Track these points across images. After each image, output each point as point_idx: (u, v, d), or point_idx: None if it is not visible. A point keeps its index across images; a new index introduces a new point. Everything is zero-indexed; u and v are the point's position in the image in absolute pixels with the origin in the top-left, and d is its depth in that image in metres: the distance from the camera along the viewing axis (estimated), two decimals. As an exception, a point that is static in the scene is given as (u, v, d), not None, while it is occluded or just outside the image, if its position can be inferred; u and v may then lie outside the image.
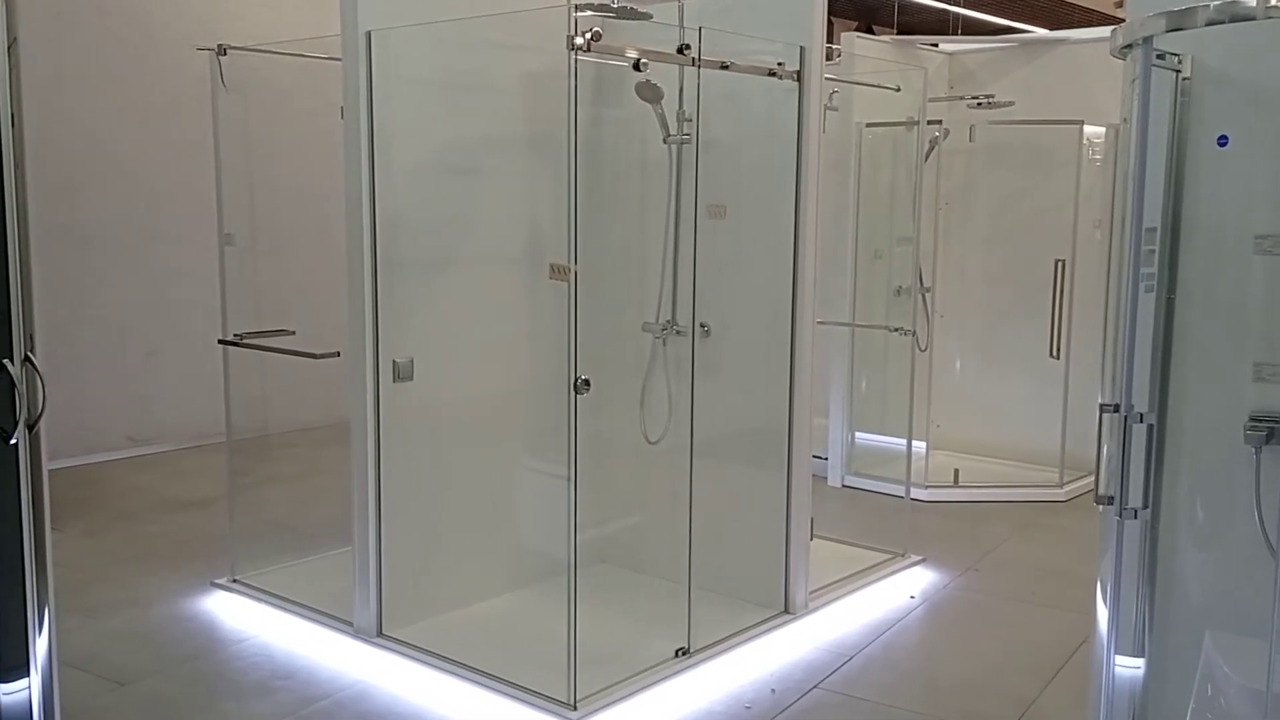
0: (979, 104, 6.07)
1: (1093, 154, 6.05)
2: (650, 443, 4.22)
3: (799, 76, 3.83)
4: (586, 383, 3.18)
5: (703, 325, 4.02)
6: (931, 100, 5.98)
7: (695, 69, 3.58)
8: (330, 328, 4.34)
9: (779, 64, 3.78)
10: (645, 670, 3.47)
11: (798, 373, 3.98)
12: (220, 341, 4.09)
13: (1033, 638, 4.02)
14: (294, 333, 4.27)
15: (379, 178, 3.62)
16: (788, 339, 3.99)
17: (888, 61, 6.17)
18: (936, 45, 6.82)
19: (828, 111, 5.38)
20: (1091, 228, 6.01)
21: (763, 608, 4.02)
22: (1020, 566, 4.79)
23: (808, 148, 3.87)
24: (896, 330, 5.31)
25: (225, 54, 4.02)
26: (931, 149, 5.70)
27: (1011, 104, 6.00)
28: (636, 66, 3.37)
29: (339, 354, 3.77)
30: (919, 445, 5.63)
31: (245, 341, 4.03)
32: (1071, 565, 4.83)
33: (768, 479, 4.08)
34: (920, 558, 4.71)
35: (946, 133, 5.94)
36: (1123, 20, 2.68)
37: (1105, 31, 6.38)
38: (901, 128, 6.02)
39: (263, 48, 4.08)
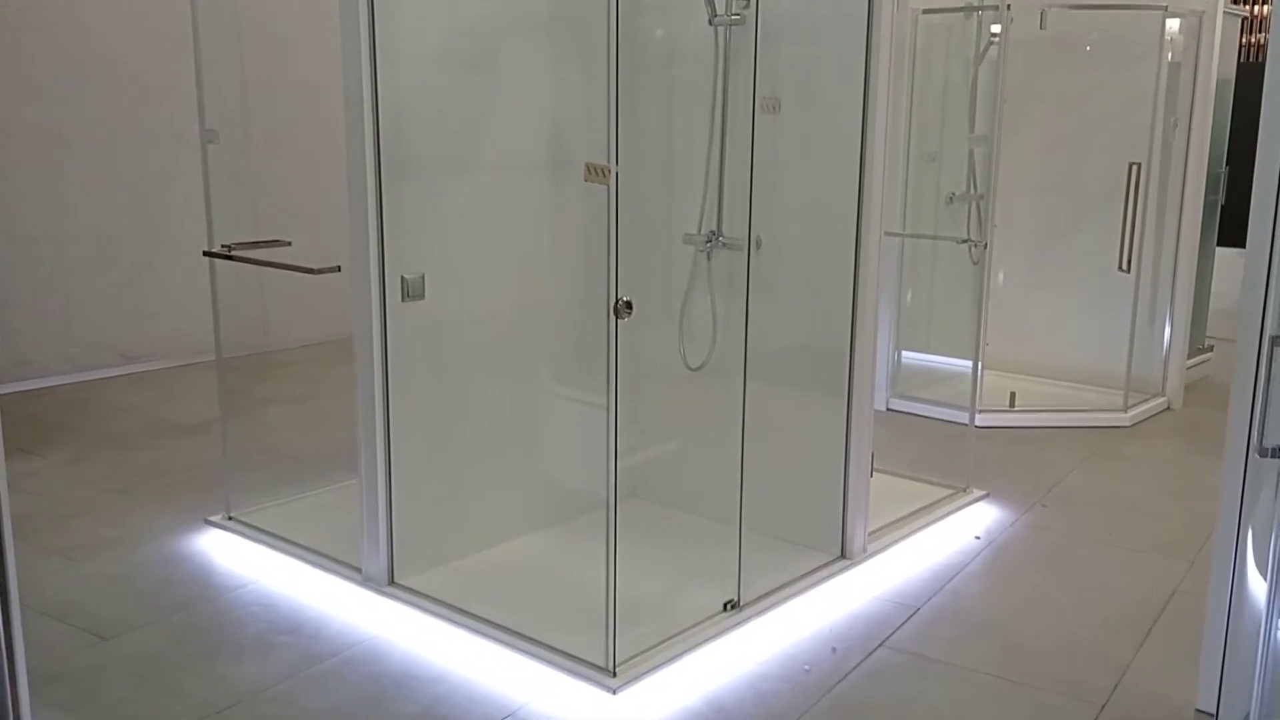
0: (1047, -12, 5.46)
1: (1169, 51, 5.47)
2: (690, 369, 3.78)
3: (870, -56, 3.28)
4: (628, 305, 2.72)
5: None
6: (993, -16, 5.38)
7: (754, -69, 3.03)
8: (333, 237, 3.89)
9: (848, -72, 3.23)
10: (691, 628, 3.07)
11: (861, 290, 3.51)
12: (206, 254, 3.63)
13: (1116, 586, 3.61)
14: (290, 243, 3.81)
15: (382, 67, 3.10)
16: (850, 252, 3.51)
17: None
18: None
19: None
20: (1170, 128, 5.46)
21: (817, 552, 3.62)
22: (1090, 501, 4.38)
23: (879, 29, 3.33)
24: (965, 243, 4.81)
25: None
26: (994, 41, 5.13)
27: (1084, -13, 5.40)
28: (687, -74, 2.83)
29: (339, 269, 3.31)
30: (971, 365, 5.18)
31: (234, 254, 3.56)
32: (1145, 498, 4.42)
33: (824, 409, 3.64)
34: (983, 492, 4.29)
35: (1011, 20, 5.35)
36: None
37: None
38: (960, 14, 5.46)
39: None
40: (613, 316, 2.71)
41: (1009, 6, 5.13)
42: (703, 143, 3.63)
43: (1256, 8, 11.03)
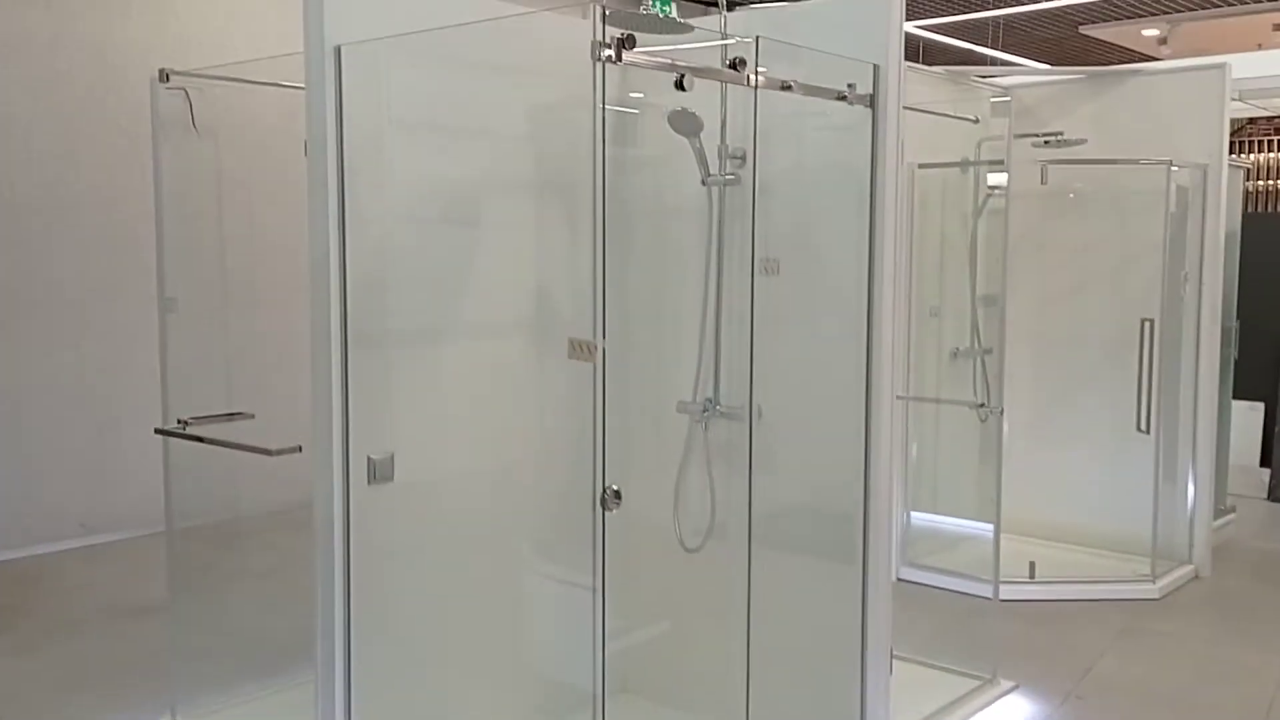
0: (1045, 142, 5.35)
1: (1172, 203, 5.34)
2: (687, 550, 3.45)
3: (872, 102, 3.11)
4: (617, 495, 2.42)
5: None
6: (989, 139, 5.28)
7: (751, 90, 2.85)
8: (303, 409, 3.61)
9: (849, 86, 3.06)
10: None
11: (873, 461, 3.22)
12: (159, 431, 3.34)
13: (1170, 796, 3.21)
14: (254, 416, 3.53)
15: (351, 229, 2.88)
16: (858, 417, 3.23)
17: (943, 95, 5.47)
18: (988, 78, 6.12)
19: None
20: (1179, 282, 5.28)
21: (832, 761, 3.23)
22: (1130, 691, 3.98)
23: (883, 188, 3.13)
24: (980, 408, 4.54)
25: (168, 80, 3.32)
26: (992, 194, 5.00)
27: (1083, 142, 5.28)
28: (680, 84, 2.64)
29: (300, 449, 3.02)
30: (986, 528, 4.85)
31: (188, 432, 3.27)
32: (1188, 686, 4.03)
33: (835, 597, 3.30)
34: (1012, 684, 3.90)
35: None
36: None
37: (1183, 63, 5.76)
38: (957, 169, 5.33)
39: (213, 73, 3.37)
40: (599, 507, 2.41)
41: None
42: (697, 306, 3.40)
43: (1257, 155, 11.17)
